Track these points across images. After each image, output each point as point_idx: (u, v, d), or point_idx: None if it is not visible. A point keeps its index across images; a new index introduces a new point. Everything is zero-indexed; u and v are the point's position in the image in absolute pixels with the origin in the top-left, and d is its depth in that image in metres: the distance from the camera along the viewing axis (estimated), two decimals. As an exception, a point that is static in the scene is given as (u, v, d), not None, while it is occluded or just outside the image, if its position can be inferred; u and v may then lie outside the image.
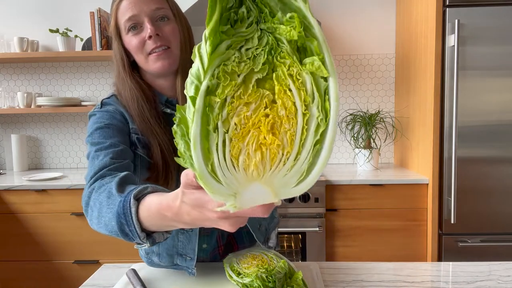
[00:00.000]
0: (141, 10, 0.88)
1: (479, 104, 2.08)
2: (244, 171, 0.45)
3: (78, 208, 2.32)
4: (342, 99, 2.83)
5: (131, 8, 0.88)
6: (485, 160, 2.10)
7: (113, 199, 0.70)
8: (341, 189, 2.26)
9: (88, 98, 2.87)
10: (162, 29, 0.90)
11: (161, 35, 0.89)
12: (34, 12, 2.82)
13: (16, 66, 2.86)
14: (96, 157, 0.85)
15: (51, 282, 2.37)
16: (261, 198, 0.45)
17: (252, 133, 0.45)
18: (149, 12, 0.89)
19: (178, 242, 1.01)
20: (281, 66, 0.45)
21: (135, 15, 0.88)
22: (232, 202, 0.45)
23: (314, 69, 0.44)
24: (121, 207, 0.66)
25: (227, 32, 0.46)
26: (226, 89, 0.45)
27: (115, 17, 0.92)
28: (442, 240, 2.15)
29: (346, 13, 2.77)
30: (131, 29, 0.90)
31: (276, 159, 0.45)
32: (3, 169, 2.92)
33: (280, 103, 0.45)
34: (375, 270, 1.10)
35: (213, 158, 0.44)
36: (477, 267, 1.11)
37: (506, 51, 2.05)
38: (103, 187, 0.75)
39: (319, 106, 0.45)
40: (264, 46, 0.46)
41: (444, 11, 2.06)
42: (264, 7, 0.46)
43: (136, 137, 0.92)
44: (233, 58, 0.45)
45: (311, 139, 0.45)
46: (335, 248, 2.30)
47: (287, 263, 0.95)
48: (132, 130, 0.93)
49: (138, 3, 0.88)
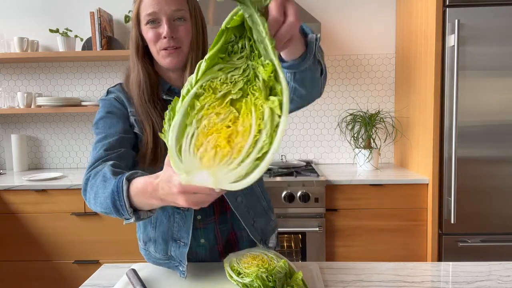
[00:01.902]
0: (161, 9, 0.96)
1: (479, 104, 2.08)
2: (200, 159, 0.59)
3: (78, 208, 2.32)
4: (342, 99, 2.83)
5: (153, 5, 0.95)
6: (485, 160, 2.10)
7: (109, 182, 0.84)
8: (341, 189, 2.26)
9: (88, 98, 2.87)
10: (177, 30, 0.98)
11: (175, 36, 0.98)
12: (34, 12, 2.82)
13: (16, 66, 2.86)
14: (94, 148, 0.98)
15: (51, 282, 2.37)
16: (205, 182, 0.59)
17: (214, 135, 0.59)
18: (168, 12, 0.96)
19: (174, 223, 1.07)
20: (251, 95, 0.60)
21: (155, 12, 0.96)
22: (184, 176, 0.60)
23: (273, 106, 0.57)
24: (115, 186, 0.80)
25: (224, 58, 0.62)
26: (207, 99, 0.61)
27: (138, 7, 0.99)
28: (442, 240, 2.16)
29: (346, 13, 2.77)
30: (149, 23, 0.97)
31: (224, 159, 0.58)
32: (3, 169, 2.92)
33: (241, 121, 0.59)
34: (375, 270, 1.10)
35: (182, 142, 0.60)
36: (477, 267, 1.11)
37: (506, 51, 2.05)
38: (98, 174, 0.89)
39: (268, 133, 0.57)
40: (245, 77, 0.61)
41: (444, 11, 2.06)
42: (255, 49, 0.61)
43: (134, 118, 1.03)
44: (220, 78, 0.61)
45: (254, 154, 0.57)
46: (335, 248, 2.30)
47: (287, 263, 0.95)
48: (130, 112, 1.04)
49: (161, 1, 0.95)
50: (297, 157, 2.90)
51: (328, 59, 2.81)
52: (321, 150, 2.89)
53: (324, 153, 2.89)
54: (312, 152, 2.89)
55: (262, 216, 1.18)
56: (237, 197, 1.10)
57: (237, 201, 1.10)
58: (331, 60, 2.82)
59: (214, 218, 1.13)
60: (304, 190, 2.21)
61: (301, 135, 2.88)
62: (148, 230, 1.13)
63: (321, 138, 2.88)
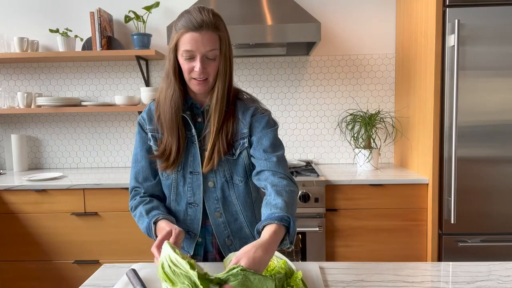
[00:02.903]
0: (197, 49, 1.10)
1: (479, 104, 2.08)
2: None
3: (78, 208, 2.32)
4: (342, 99, 2.84)
5: (191, 44, 1.10)
6: (485, 160, 2.10)
7: (143, 219, 1.20)
8: (341, 189, 2.26)
9: (88, 98, 2.87)
10: (208, 66, 1.13)
11: (205, 71, 1.13)
12: (34, 12, 2.82)
13: (16, 66, 2.86)
14: (132, 166, 1.31)
15: (51, 282, 2.37)
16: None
17: None
18: (203, 52, 1.11)
19: (187, 216, 1.26)
20: None
21: (192, 51, 1.10)
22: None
23: None
24: (148, 225, 1.17)
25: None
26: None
27: (178, 39, 1.12)
28: (442, 240, 2.16)
29: (346, 13, 2.77)
30: (185, 56, 1.12)
31: None
32: (3, 169, 2.92)
33: None
34: (375, 270, 1.10)
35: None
36: (477, 267, 1.11)
37: (506, 51, 2.05)
38: (137, 208, 1.25)
39: None
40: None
41: (444, 11, 2.06)
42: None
43: (150, 134, 1.25)
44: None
45: None
46: (335, 248, 2.30)
47: (287, 263, 0.95)
48: (149, 130, 1.26)
49: (198, 42, 1.09)
50: (297, 157, 2.90)
51: (328, 59, 2.82)
52: (321, 150, 2.89)
53: (324, 153, 2.89)
54: (312, 152, 2.89)
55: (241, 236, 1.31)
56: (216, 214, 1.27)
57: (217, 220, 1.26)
58: (331, 60, 2.82)
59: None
60: (304, 190, 2.21)
61: (301, 135, 2.88)
62: None
63: (321, 138, 2.88)
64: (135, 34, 2.58)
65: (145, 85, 2.80)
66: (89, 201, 2.31)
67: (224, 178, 1.22)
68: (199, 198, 1.23)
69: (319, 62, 2.82)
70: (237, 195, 1.24)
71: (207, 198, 1.23)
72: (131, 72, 2.85)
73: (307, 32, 2.27)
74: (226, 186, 1.22)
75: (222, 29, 1.14)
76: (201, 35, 1.09)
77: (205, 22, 1.08)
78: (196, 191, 1.23)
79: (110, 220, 2.32)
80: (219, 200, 1.23)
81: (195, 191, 1.23)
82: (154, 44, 2.77)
